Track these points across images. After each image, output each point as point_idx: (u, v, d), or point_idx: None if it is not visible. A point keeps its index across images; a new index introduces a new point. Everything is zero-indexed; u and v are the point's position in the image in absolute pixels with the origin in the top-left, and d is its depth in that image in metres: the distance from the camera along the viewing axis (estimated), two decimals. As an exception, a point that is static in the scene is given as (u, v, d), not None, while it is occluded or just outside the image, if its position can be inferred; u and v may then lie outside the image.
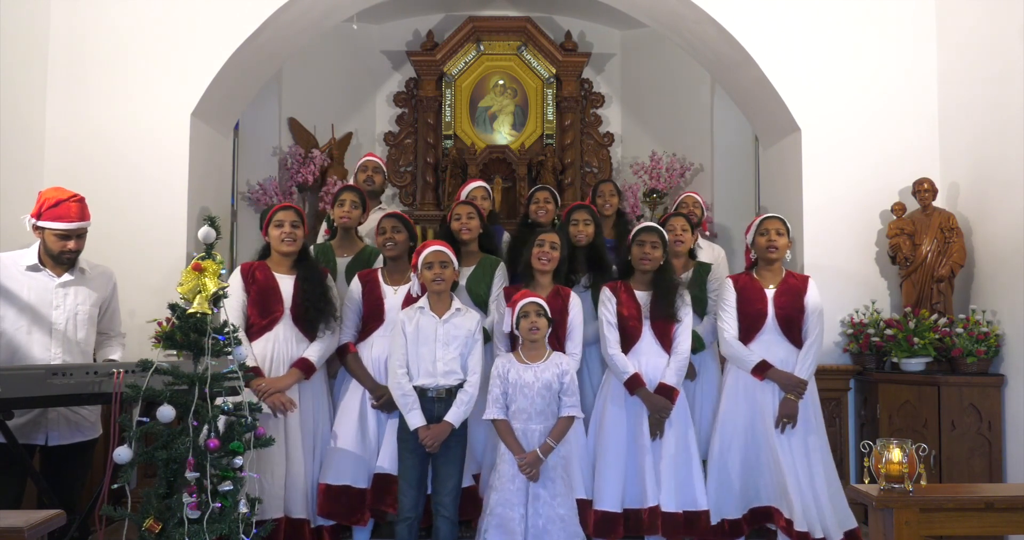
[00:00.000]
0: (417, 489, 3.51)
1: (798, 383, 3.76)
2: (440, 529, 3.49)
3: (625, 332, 3.78)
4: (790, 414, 3.74)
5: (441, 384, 3.48)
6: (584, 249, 4.12)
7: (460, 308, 3.59)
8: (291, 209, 3.80)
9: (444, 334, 3.52)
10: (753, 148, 6.60)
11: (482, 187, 4.67)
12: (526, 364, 3.49)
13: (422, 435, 3.43)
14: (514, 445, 3.42)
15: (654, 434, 3.72)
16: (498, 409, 3.46)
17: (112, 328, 3.68)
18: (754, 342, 3.84)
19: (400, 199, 7.18)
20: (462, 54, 7.13)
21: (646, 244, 3.80)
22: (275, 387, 3.57)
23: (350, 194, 4.19)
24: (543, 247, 3.78)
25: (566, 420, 3.47)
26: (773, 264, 3.93)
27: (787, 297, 3.86)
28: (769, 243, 3.89)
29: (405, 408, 3.47)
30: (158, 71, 4.77)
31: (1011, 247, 4.31)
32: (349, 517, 3.70)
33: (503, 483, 3.41)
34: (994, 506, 2.79)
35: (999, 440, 4.29)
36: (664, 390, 3.71)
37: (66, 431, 3.43)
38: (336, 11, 5.27)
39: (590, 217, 4.13)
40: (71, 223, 3.38)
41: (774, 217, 3.97)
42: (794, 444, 3.76)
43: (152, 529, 2.65)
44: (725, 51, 5.07)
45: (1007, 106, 4.36)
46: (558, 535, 3.38)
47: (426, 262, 3.56)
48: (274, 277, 3.73)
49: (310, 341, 3.72)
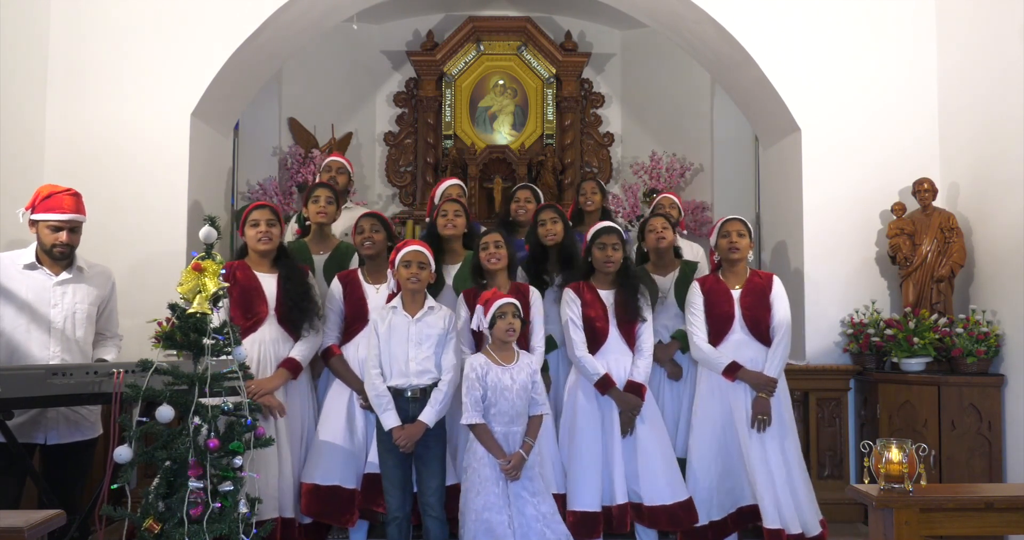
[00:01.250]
0: (402, 489, 3.51)
1: (768, 382, 3.81)
2: (430, 530, 3.50)
3: (592, 333, 3.80)
4: (764, 412, 3.79)
5: (415, 384, 3.48)
6: (555, 248, 4.12)
7: (433, 306, 3.59)
8: (266, 208, 3.79)
9: (416, 333, 3.51)
10: (753, 148, 6.60)
11: (458, 185, 4.68)
12: (503, 366, 3.47)
13: (396, 435, 3.43)
14: (496, 449, 3.40)
15: (625, 431, 3.77)
16: (477, 413, 3.41)
17: (109, 328, 3.67)
18: (723, 344, 3.87)
19: (400, 199, 7.18)
20: (462, 54, 7.13)
21: (607, 247, 3.82)
22: (264, 388, 3.56)
23: (324, 191, 4.19)
24: (487, 249, 3.76)
25: (538, 418, 3.49)
26: (736, 265, 3.96)
27: (752, 297, 3.89)
28: (731, 245, 3.92)
29: (379, 409, 3.48)
30: (158, 71, 4.77)
31: (1011, 247, 4.31)
32: (338, 518, 3.70)
33: (487, 487, 3.38)
34: (994, 506, 2.79)
35: (999, 440, 4.29)
36: (633, 387, 3.76)
37: (65, 430, 3.43)
38: (336, 11, 5.27)
39: (557, 215, 4.13)
40: (63, 214, 3.38)
41: (735, 219, 4.00)
42: (767, 442, 3.79)
43: (152, 529, 2.65)
44: (725, 51, 5.07)
45: (1007, 106, 4.36)
46: (543, 532, 3.38)
47: (404, 260, 3.56)
48: (256, 277, 3.72)
49: (295, 340, 3.72)
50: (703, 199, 6.85)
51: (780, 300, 3.91)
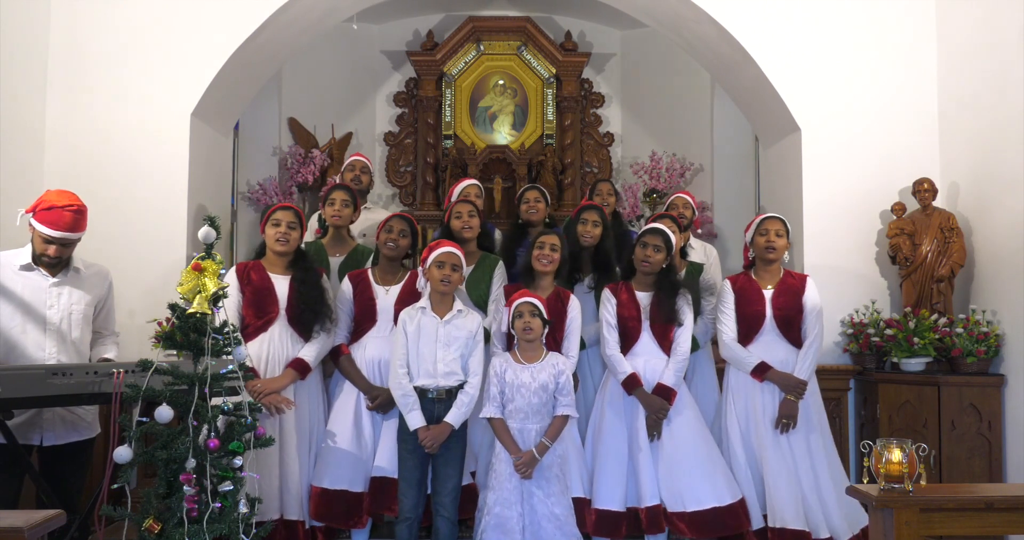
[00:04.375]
0: (418, 490, 3.50)
1: (798, 384, 3.75)
2: (440, 530, 3.49)
3: (624, 333, 3.77)
4: (790, 415, 3.74)
5: (441, 385, 3.48)
6: (589, 250, 4.10)
7: (462, 309, 3.58)
8: (290, 209, 3.79)
9: (445, 335, 3.51)
10: (753, 148, 6.60)
11: (475, 185, 4.67)
12: (523, 364, 3.50)
13: (422, 436, 3.43)
14: (510, 444, 3.43)
15: (651, 435, 3.71)
16: (495, 408, 3.47)
17: (106, 326, 3.66)
18: (753, 343, 3.84)
19: (400, 199, 7.18)
20: (462, 54, 7.12)
21: (648, 247, 3.79)
22: (270, 388, 3.56)
23: (341, 193, 4.19)
24: (543, 249, 3.76)
25: (561, 419, 3.48)
26: (771, 265, 3.92)
27: (785, 297, 3.85)
28: (768, 243, 3.87)
29: (405, 408, 3.47)
30: (158, 71, 4.76)
31: (1011, 247, 4.31)
32: (346, 521, 3.69)
33: (500, 483, 3.42)
34: (994, 506, 2.79)
35: (999, 440, 4.29)
36: (662, 391, 3.71)
37: (62, 431, 3.41)
38: (336, 11, 5.27)
39: (599, 218, 4.09)
40: (57, 231, 3.31)
41: (774, 217, 3.96)
42: (795, 444, 3.75)
43: (152, 529, 2.66)
44: (725, 51, 5.07)
45: (1007, 106, 4.36)
46: (554, 533, 3.38)
47: (437, 261, 3.53)
48: (269, 278, 3.72)
49: (306, 342, 3.72)
50: (703, 199, 6.84)
51: (813, 302, 3.85)
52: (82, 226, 3.41)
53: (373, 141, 7.31)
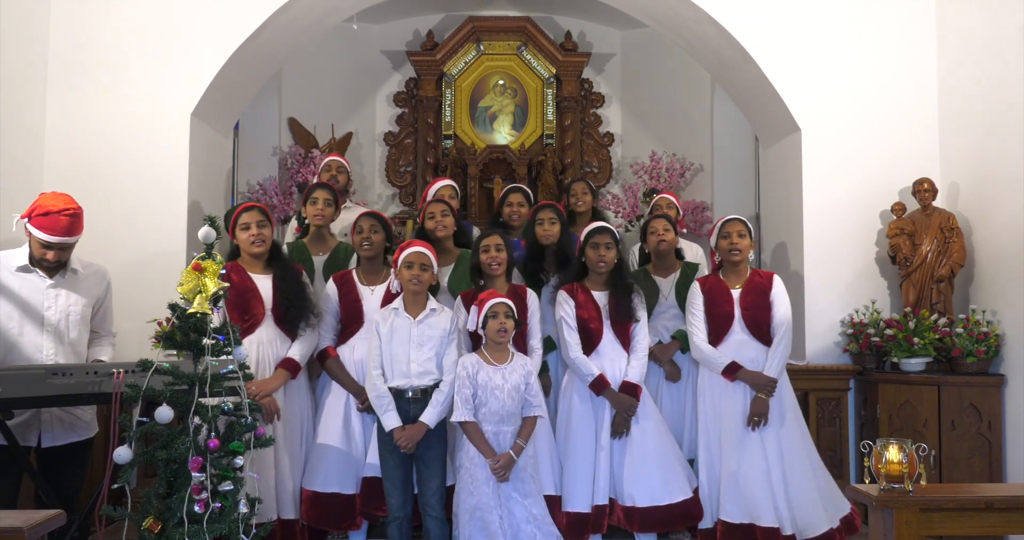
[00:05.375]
0: (402, 489, 3.51)
1: (768, 382, 3.79)
2: (430, 530, 3.50)
3: (586, 334, 3.80)
4: (761, 412, 3.77)
5: (416, 385, 3.48)
6: (552, 248, 4.13)
7: (435, 308, 3.58)
8: (254, 209, 3.77)
9: (418, 335, 3.51)
10: (753, 148, 6.60)
11: (450, 186, 4.67)
12: (495, 366, 3.47)
13: (397, 436, 3.43)
14: (485, 448, 3.40)
15: (620, 432, 3.75)
16: (467, 411, 3.42)
17: (103, 327, 3.66)
18: (723, 344, 3.87)
19: (400, 199, 7.18)
20: (462, 54, 7.13)
21: (600, 247, 3.82)
22: (265, 389, 3.56)
23: (323, 192, 4.19)
24: (489, 251, 3.77)
25: (532, 420, 3.48)
26: (738, 266, 3.95)
27: (752, 296, 3.88)
28: (731, 246, 3.91)
29: (380, 410, 3.48)
30: (158, 71, 4.76)
31: (1011, 247, 4.31)
32: (339, 524, 3.70)
33: (478, 486, 3.39)
34: (994, 506, 2.79)
35: (999, 440, 4.29)
36: (628, 388, 3.75)
37: (60, 432, 3.41)
38: (336, 11, 5.27)
39: (555, 216, 4.14)
40: (54, 236, 3.32)
41: (735, 219, 3.99)
42: (767, 442, 3.77)
43: (152, 529, 2.65)
44: (725, 51, 5.07)
45: (1007, 106, 4.36)
46: (534, 534, 3.39)
47: (406, 261, 3.55)
48: (250, 278, 3.70)
49: (292, 340, 3.71)
50: (703, 199, 6.84)
51: (780, 299, 3.89)
52: (79, 229, 3.41)
53: (373, 141, 7.31)
